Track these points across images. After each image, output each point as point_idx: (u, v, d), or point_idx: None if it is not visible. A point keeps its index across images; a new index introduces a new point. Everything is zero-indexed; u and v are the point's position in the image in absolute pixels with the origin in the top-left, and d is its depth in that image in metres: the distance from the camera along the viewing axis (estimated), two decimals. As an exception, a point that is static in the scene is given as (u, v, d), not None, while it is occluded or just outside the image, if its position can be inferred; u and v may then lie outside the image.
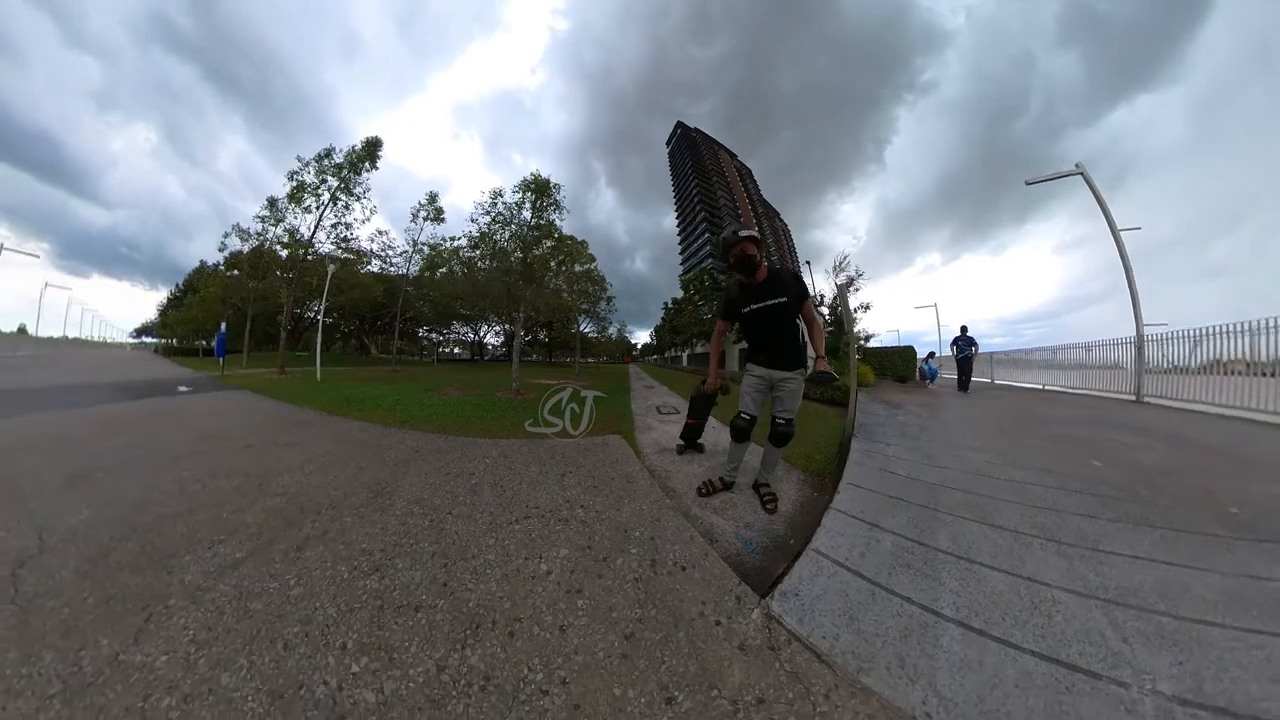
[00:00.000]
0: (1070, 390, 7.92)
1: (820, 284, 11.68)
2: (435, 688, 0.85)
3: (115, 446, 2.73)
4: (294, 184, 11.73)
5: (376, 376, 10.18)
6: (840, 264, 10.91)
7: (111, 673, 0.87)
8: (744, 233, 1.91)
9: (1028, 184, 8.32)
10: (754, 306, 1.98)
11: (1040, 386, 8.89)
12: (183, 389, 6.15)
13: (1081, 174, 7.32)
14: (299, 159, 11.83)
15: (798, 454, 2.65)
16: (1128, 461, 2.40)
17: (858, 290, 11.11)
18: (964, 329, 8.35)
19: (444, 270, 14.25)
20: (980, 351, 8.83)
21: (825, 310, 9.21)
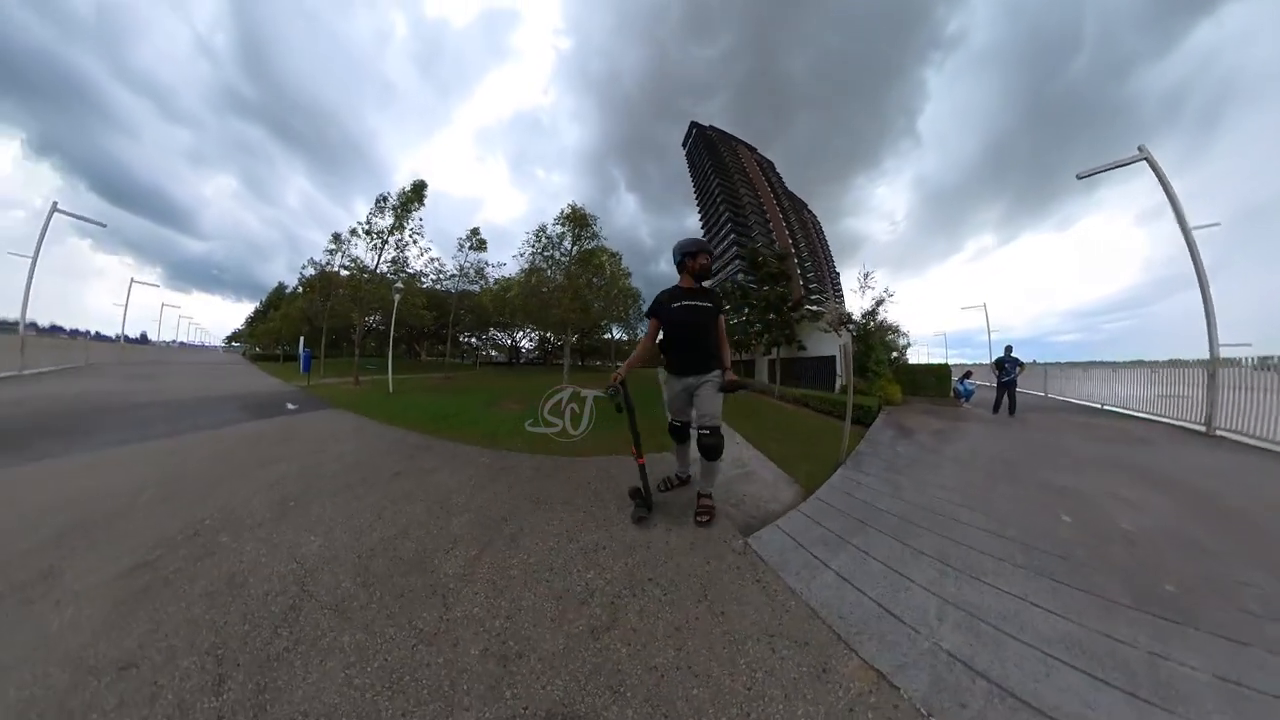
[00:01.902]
0: (1131, 413, 7.25)
1: (850, 302, 11.63)
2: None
3: (281, 474, 3.04)
4: (363, 225, 13.69)
5: (435, 386, 11.52)
6: (865, 280, 10.62)
7: (446, 627, 1.40)
8: (698, 249, 2.30)
9: (1079, 178, 7.56)
10: (684, 302, 2.27)
11: (1099, 405, 8.29)
12: (290, 406, 6.89)
13: (1146, 159, 6.48)
14: (372, 209, 13.67)
15: (802, 471, 3.27)
16: (1100, 521, 2.41)
17: (888, 311, 10.90)
18: (1009, 349, 8.17)
19: (496, 290, 15.98)
20: (1038, 362, 8.47)
21: (851, 329, 9.29)
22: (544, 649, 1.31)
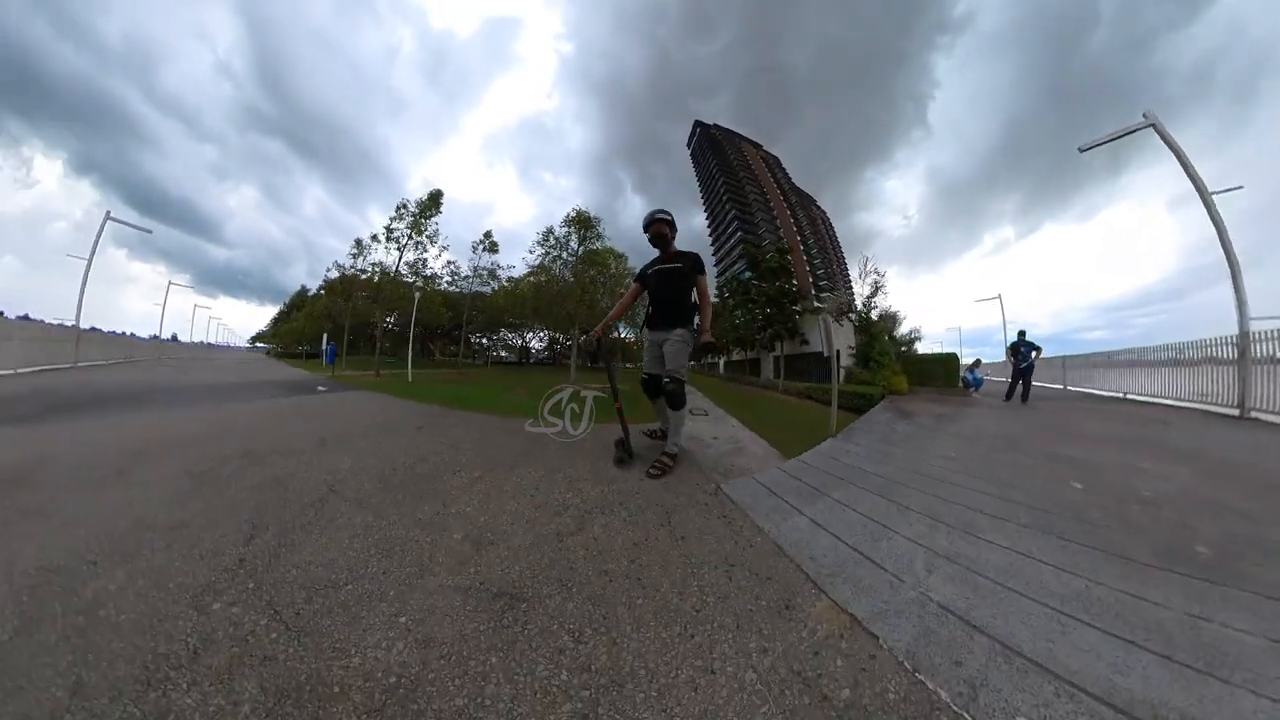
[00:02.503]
0: (1155, 399, 6.72)
1: (857, 291, 11.30)
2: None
3: (318, 426, 3.47)
4: (384, 231, 14.10)
5: (451, 379, 11.62)
6: (865, 270, 10.40)
7: (439, 519, 1.65)
8: (658, 215, 2.43)
9: (1081, 151, 6.86)
10: (657, 267, 2.45)
11: (1120, 394, 7.72)
12: (321, 388, 7.18)
13: (1153, 125, 5.91)
14: (394, 214, 13.98)
15: (795, 450, 2.99)
16: (1118, 488, 2.16)
17: (885, 294, 10.64)
18: (1022, 334, 7.72)
19: (509, 287, 16.31)
20: (1044, 354, 7.78)
21: (853, 317, 9.03)
22: (514, 542, 1.47)
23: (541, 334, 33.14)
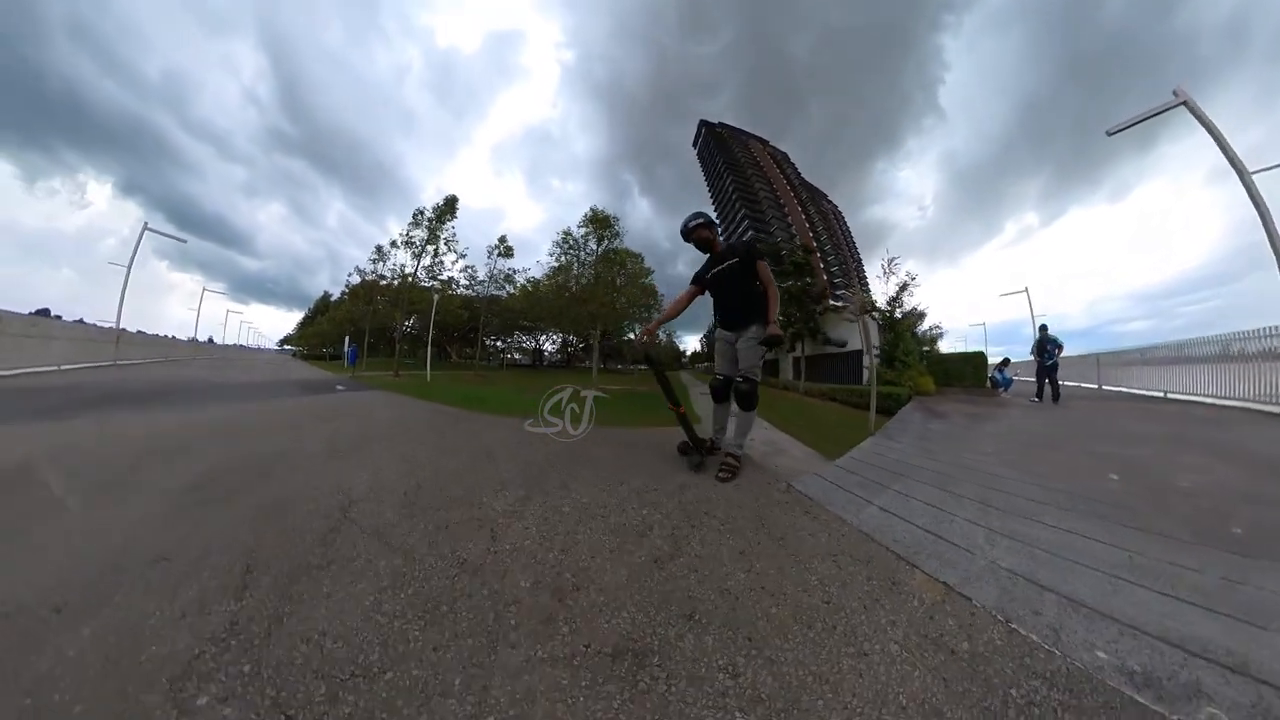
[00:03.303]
0: (1200, 399, 6.24)
1: (876, 290, 11.18)
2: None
3: (334, 429, 3.29)
4: (401, 237, 14.79)
5: (468, 380, 11.98)
6: (889, 266, 10.14)
7: (493, 559, 1.32)
8: (694, 222, 2.39)
9: (1109, 134, 6.48)
10: (714, 271, 2.38)
11: (1161, 394, 7.22)
12: (339, 388, 7.48)
13: (1185, 103, 5.42)
14: (412, 220, 14.61)
15: (834, 452, 3.13)
16: (1156, 480, 2.24)
17: (912, 294, 10.51)
18: (1044, 329, 7.41)
19: (525, 289, 16.78)
20: (1079, 351, 7.68)
21: (876, 315, 8.99)
22: (604, 581, 1.21)
23: (555, 337, 33.66)
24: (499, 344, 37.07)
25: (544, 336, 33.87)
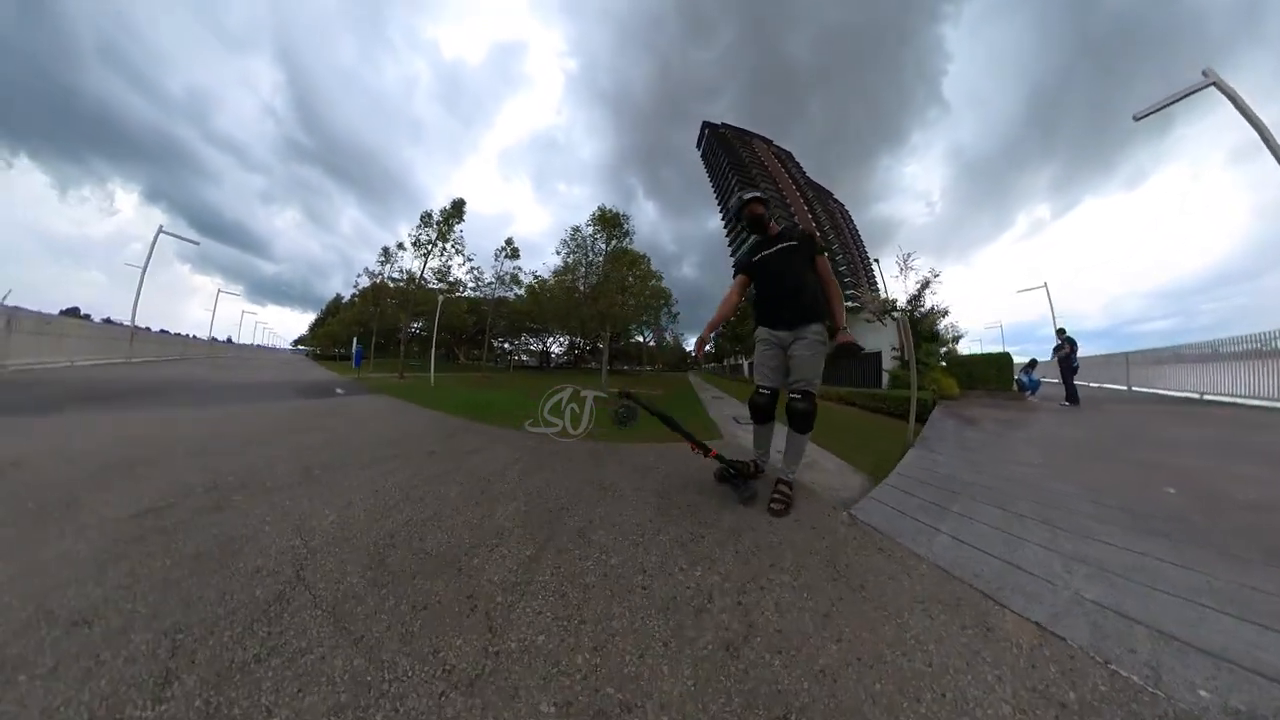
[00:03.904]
0: (1239, 400, 6.07)
1: (893, 288, 10.90)
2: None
3: (314, 442, 3.05)
4: (410, 239, 14.96)
5: (474, 382, 12.09)
6: (906, 263, 9.51)
7: (495, 665, 0.94)
8: (748, 195, 2.06)
9: (1136, 119, 6.36)
10: (765, 253, 2.02)
11: (1196, 395, 6.98)
12: (339, 391, 7.36)
13: (1214, 84, 5.21)
14: (419, 222, 14.85)
15: (866, 463, 3.12)
16: (1213, 493, 2.15)
17: (935, 292, 10.22)
18: (1061, 331, 7.39)
19: (533, 288, 16.97)
20: (1104, 352, 7.52)
21: (897, 315, 8.80)
22: (664, 690, 0.88)
23: (562, 339, 33.86)
24: (506, 346, 37.40)
25: (550, 339, 34.12)
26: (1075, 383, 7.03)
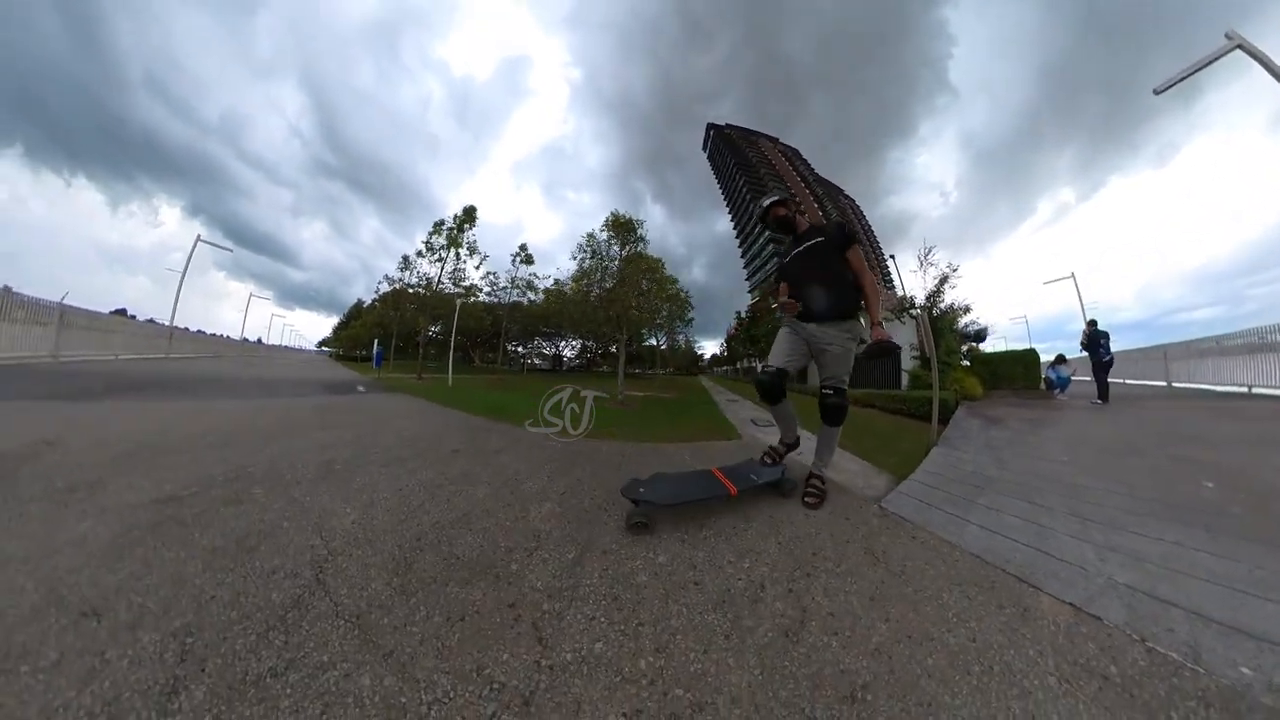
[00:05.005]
0: None
1: (910, 284, 10.60)
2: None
3: (335, 439, 2.98)
4: (424, 244, 15.80)
5: (490, 384, 12.34)
6: (926, 257, 9.14)
7: (550, 680, 0.85)
8: (767, 201, 2.05)
9: (1157, 93, 5.90)
10: (795, 251, 2.01)
11: (1244, 389, 6.50)
12: (360, 389, 7.56)
13: (1239, 46, 4.83)
14: (431, 230, 15.44)
15: (888, 463, 3.06)
16: (1256, 486, 2.12)
17: (954, 287, 9.93)
18: (1093, 323, 6.89)
19: (550, 292, 17.38)
20: (1140, 346, 6.96)
21: (915, 313, 8.58)
22: (733, 683, 0.88)
23: (574, 343, 34.23)
24: (519, 349, 38.07)
25: (563, 342, 34.58)
26: (1109, 379, 6.59)
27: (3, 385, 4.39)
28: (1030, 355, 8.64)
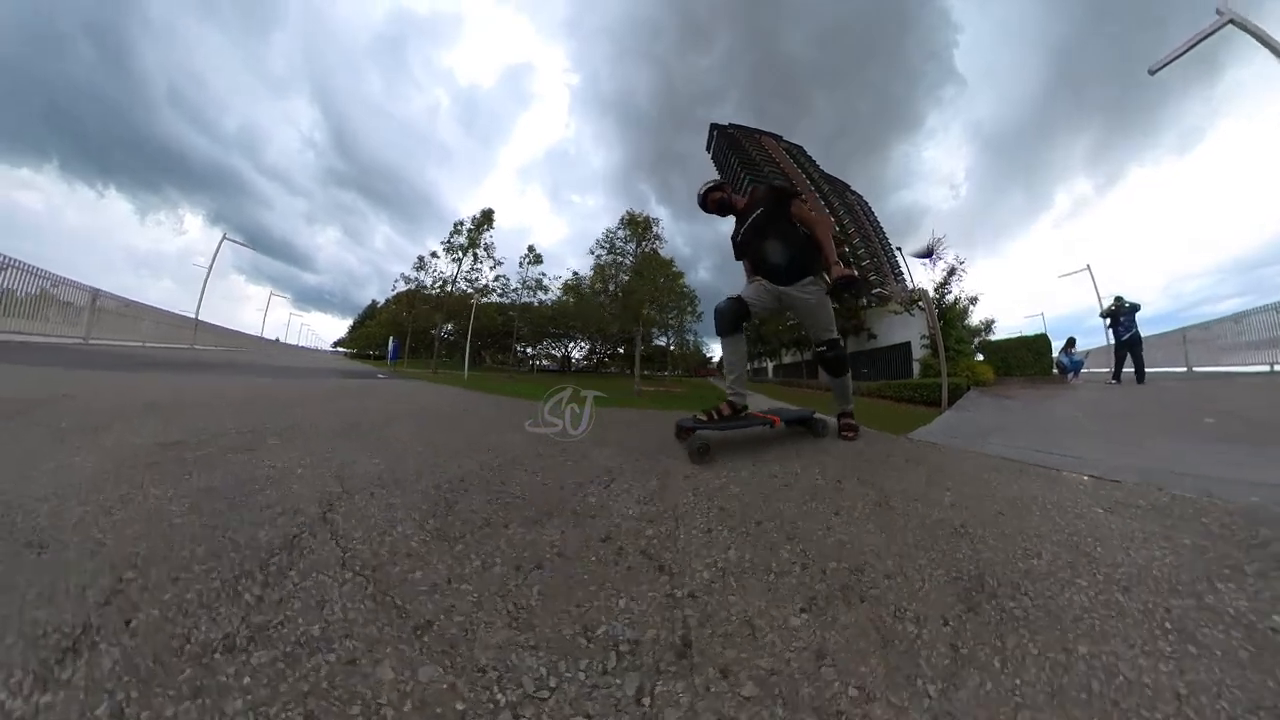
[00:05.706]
0: None
1: (920, 278, 10.56)
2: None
3: (361, 406, 2.90)
4: (444, 245, 16.19)
5: (503, 381, 12.58)
6: (935, 249, 9.35)
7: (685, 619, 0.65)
8: (703, 189, 2.06)
9: (1152, 73, 6.05)
10: (741, 229, 2.00)
11: (1268, 368, 6.38)
12: (380, 376, 8.10)
13: (1231, 20, 4.80)
14: (452, 230, 15.98)
15: (898, 430, 3.04)
16: (1256, 419, 2.36)
17: (960, 279, 9.68)
18: (1119, 300, 6.48)
19: (569, 285, 17.77)
20: (1160, 333, 6.66)
21: (924, 305, 8.59)
22: (868, 544, 0.89)
23: (583, 344, 34.50)
24: (529, 350, 38.48)
25: (571, 344, 34.91)
26: (1142, 353, 6.12)
27: (37, 355, 4.60)
28: (1041, 341, 8.40)
